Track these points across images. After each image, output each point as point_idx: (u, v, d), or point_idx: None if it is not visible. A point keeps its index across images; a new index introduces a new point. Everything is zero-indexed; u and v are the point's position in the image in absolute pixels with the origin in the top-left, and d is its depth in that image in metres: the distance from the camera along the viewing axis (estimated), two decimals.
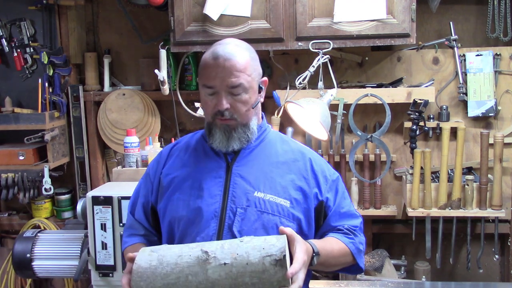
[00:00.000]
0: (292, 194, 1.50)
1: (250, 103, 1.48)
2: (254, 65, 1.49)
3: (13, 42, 2.95)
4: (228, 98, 1.44)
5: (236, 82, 1.43)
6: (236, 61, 1.43)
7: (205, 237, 1.45)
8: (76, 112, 2.98)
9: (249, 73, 1.46)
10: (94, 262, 2.27)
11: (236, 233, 1.44)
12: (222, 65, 1.42)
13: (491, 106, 2.65)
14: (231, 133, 1.48)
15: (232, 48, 1.46)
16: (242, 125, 1.49)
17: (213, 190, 1.49)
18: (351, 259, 1.56)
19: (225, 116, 1.45)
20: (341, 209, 1.57)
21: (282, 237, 1.31)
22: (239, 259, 1.26)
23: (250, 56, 1.48)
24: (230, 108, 1.45)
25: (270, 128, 1.63)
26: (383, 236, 2.92)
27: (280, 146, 1.57)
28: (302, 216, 1.51)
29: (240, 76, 1.43)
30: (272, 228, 1.46)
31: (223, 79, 1.43)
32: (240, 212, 1.46)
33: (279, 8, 2.43)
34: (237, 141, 1.49)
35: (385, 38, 2.40)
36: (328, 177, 1.57)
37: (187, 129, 2.96)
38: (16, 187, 2.83)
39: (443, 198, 2.55)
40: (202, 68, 1.48)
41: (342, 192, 1.60)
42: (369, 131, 2.75)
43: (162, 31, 2.87)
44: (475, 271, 2.74)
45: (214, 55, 1.44)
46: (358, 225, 1.60)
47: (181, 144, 1.64)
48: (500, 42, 2.70)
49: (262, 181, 1.49)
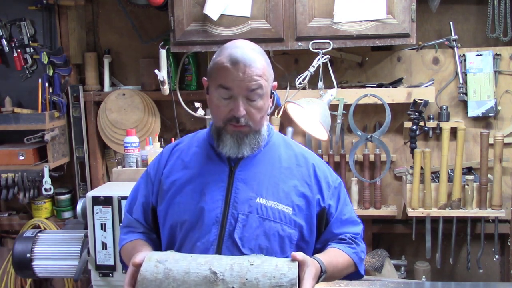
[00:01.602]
0: (295, 201, 1.49)
1: (265, 110, 1.46)
2: (270, 70, 1.47)
3: (13, 42, 2.95)
4: (245, 104, 1.42)
5: (255, 87, 1.40)
6: (256, 67, 1.41)
7: (205, 242, 1.44)
8: (76, 112, 2.98)
9: (266, 78, 1.44)
10: (94, 262, 2.27)
11: (237, 240, 1.43)
12: (242, 71, 1.39)
13: (491, 106, 2.65)
14: (243, 139, 1.45)
15: (250, 53, 1.43)
16: (255, 132, 1.47)
17: (215, 195, 1.47)
18: (353, 268, 1.55)
19: (241, 123, 1.42)
20: (343, 216, 1.56)
21: (294, 266, 1.27)
22: (248, 285, 1.23)
23: (266, 62, 1.46)
24: (246, 114, 1.43)
25: (274, 131, 1.60)
26: (383, 236, 2.92)
27: (283, 151, 1.56)
28: (304, 223, 1.50)
29: (259, 81, 1.41)
30: (273, 235, 1.45)
31: (242, 84, 1.40)
32: (242, 218, 1.44)
33: (279, 8, 2.43)
34: (248, 148, 1.47)
35: (385, 38, 2.40)
36: (331, 183, 1.56)
37: (187, 129, 2.96)
38: (16, 187, 2.83)
39: (443, 198, 2.55)
40: (218, 71, 1.43)
41: (344, 199, 1.59)
42: (369, 131, 2.75)
43: (162, 31, 2.87)
44: (475, 271, 2.75)
45: (233, 60, 1.40)
46: (359, 232, 1.59)
47: (183, 144, 1.61)
48: (500, 42, 2.70)
49: (265, 187, 1.48)
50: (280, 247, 1.47)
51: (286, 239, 1.47)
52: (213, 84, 1.45)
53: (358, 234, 1.59)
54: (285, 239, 1.47)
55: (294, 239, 1.48)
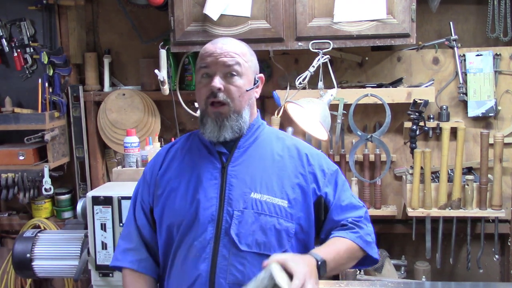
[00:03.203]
0: (290, 193, 1.48)
1: (244, 89, 1.48)
2: (251, 56, 1.53)
3: (13, 42, 2.94)
4: (222, 81, 1.45)
5: (231, 62, 1.45)
6: (234, 46, 1.49)
7: (202, 241, 1.44)
8: (76, 112, 2.98)
9: (245, 59, 1.49)
10: (94, 262, 2.27)
11: (234, 236, 1.43)
12: (220, 47, 1.47)
13: (491, 106, 2.65)
14: (223, 121, 1.47)
15: (232, 39, 1.53)
16: (235, 112, 1.48)
17: (209, 193, 1.47)
18: (361, 253, 1.51)
19: (218, 98, 1.45)
20: (342, 202, 1.54)
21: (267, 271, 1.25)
22: None
23: (248, 48, 1.53)
24: (224, 91, 1.45)
25: (265, 125, 1.61)
26: (383, 236, 2.91)
27: (275, 144, 1.56)
28: (302, 214, 1.49)
29: (235, 58, 1.46)
30: (270, 230, 1.45)
31: (218, 59, 1.45)
32: (237, 214, 1.44)
33: (279, 8, 2.43)
34: (229, 130, 1.48)
35: (385, 38, 2.40)
36: (326, 171, 1.55)
37: (187, 129, 2.96)
38: (16, 187, 2.83)
39: (443, 198, 2.55)
40: (200, 55, 1.50)
41: (342, 185, 1.57)
42: (369, 131, 2.75)
43: (162, 31, 2.87)
44: (475, 271, 2.74)
45: (213, 42, 1.51)
46: (362, 215, 1.56)
47: (178, 144, 1.63)
48: (500, 42, 2.70)
49: (258, 181, 1.48)
50: (278, 241, 1.46)
51: (283, 233, 1.47)
52: (196, 68, 1.52)
53: (361, 217, 1.55)
54: (282, 233, 1.46)
55: (292, 232, 1.48)
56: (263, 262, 1.28)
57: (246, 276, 1.42)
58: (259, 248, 1.45)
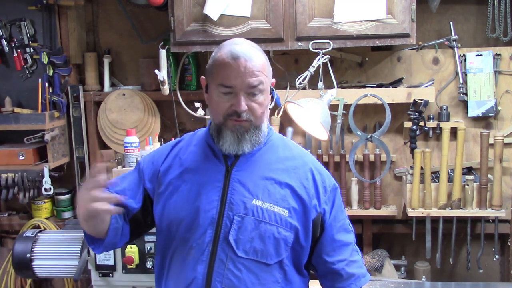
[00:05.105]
0: (291, 203, 1.47)
1: (265, 105, 1.47)
2: (269, 67, 1.49)
3: (13, 42, 2.94)
4: (246, 100, 1.42)
5: (256, 83, 1.41)
6: (256, 62, 1.42)
7: (201, 243, 1.44)
8: (76, 112, 2.98)
9: (266, 74, 1.45)
10: (94, 262, 2.27)
11: (232, 242, 1.42)
12: (243, 65, 1.40)
13: (491, 106, 2.65)
14: (243, 135, 1.45)
15: (250, 49, 1.45)
16: (255, 127, 1.46)
17: (211, 196, 1.46)
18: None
19: (242, 118, 1.42)
20: (337, 223, 1.55)
21: None
22: None
23: (265, 58, 1.48)
24: (247, 110, 1.43)
25: (273, 132, 1.60)
26: (383, 236, 2.92)
27: (282, 152, 1.55)
28: (300, 225, 1.48)
29: (260, 77, 1.42)
30: (269, 238, 1.44)
31: (244, 79, 1.40)
32: (237, 220, 1.43)
33: (279, 8, 2.43)
34: (249, 144, 1.46)
35: (385, 38, 2.40)
36: (328, 188, 1.55)
37: (187, 129, 2.96)
38: (16, 187, 2.83)
39: (443, 198, 2.55)
40: (218, 67, 1.43)
41: (339, 205, 1.57)
42: (369, 131, 2.75)
43: (162, 31, 2.87)
44: (475, 271, 2.74)
45: (234, 55, 1.41)
46: (351, 241, 1.59)
47: (183, 143, 1.61)
48: (500, 42, 2.70)
49: (261, 188, 1.46)
50: (275, 250, 1.46)
51: (282, 242, 1.46)
52: (213, 81, 1.46)
53: (351, 243, 1.58)
54: (281, 242, 1.46)
55: (290, 241, 1.47)
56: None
57: (242, 282, 1.42)
58: (256, 256, 1.44)
